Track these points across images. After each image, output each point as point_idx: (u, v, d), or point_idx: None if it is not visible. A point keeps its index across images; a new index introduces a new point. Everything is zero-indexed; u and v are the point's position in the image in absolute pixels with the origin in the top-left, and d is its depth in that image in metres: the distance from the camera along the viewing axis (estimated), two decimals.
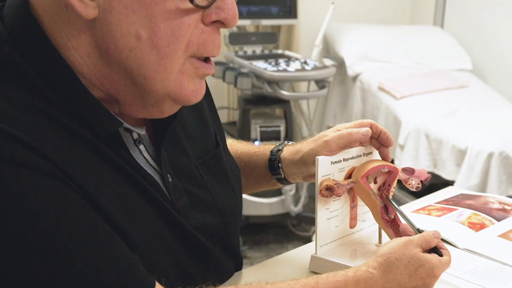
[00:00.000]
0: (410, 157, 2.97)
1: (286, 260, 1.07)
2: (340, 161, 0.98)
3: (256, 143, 2.79)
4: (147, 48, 0.71)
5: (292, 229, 3.22)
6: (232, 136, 2.91)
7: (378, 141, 1.01)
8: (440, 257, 0.88)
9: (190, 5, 0.71)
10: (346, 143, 0.97)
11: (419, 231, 0.94)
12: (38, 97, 0.69)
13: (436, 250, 0.89)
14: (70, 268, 0.64)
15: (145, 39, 0.70)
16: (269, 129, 2.99)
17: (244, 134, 2.96)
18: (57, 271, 0.64)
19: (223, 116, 3.43)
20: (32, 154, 0.64)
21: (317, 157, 0.94)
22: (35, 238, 0.63)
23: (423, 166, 2.93)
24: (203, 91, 0.80)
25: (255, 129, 2.99)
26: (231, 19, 0.75)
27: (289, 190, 3.02)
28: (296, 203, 3.08)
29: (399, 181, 1.02)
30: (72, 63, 0.72)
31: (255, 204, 3.01)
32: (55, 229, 0.64)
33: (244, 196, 3.34)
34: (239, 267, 1.01)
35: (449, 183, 2.60)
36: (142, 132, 0.80)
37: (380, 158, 1.02)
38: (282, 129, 3.00)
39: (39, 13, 0.71)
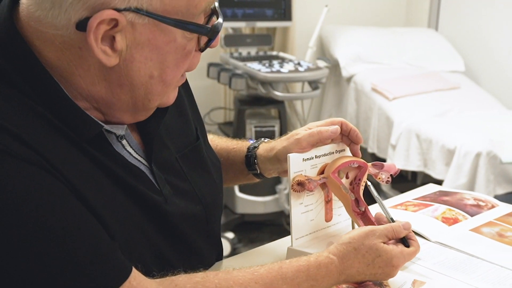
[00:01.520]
0: (401, 157, 3.02)
1: (266, 251, 1.12)
2: (312, 158, 1.03)
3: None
4: (157, 82, 0.82)
5: (287, 227, 3.26)
6: (228, 135, 2.95)
7: (349, 138, 1.06)
8: (403, 248, 0.93)
9: (194, 44, 0.82)
10: (316, 141, 1.02)
11: (392, 220, 0.99)
12: (25, 96, 0.75)
13: (404, 241, 0.94)
14: (48, 250, 0.69)
15: (156, 76, 0.81)
16: (264, 129, 3.03)
17: (239, 134, 3.00)
18: (33, 253, 0.68)
19: (219, 116, 3.48)
20: (18, 144, 0.69)
21: (288, 154, 0.99)
22: (18, 222, 0.68)
23: (414, 165, 2.98)
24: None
25: (250, 129, 3.03)
26: (216, 45, 0.87)
27: (284, 189, 3.07)
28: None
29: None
30: (70, 81, 0.78)
31: (249, 202, 3.06)
32: (37, 214, 0.69)
33: (239, 194, 3.35)
34: (220, 257, 1.07)
35: (439, 182, 2.64)
36: (122, 132, 0.87)
37: (351, 155, 1.07)
38: (277, 129, 3.04)
39: (27, 30, 0.76)
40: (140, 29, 0.76)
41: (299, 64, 3.02)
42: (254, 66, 2.89)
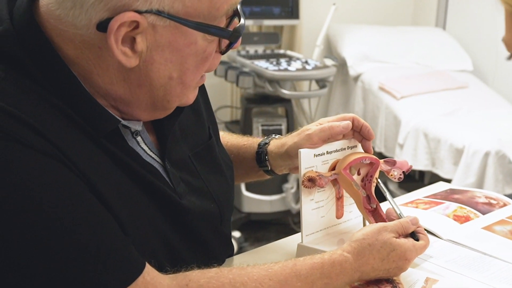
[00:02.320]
0: (409, 156, 3.00)
1: (276, 248, 1.11)
2: (324, 153, 1.02)
3: None
4: (176, 83, 0.81)
5: (293, 227, 3.25)
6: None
7: (360, 134, 1.05)
8: (414, 242, 0.93)
9: (215, 46, 0.81)
10: (327, 136, 1.02)
11: (400, 215, 0.98)
12: (43, 89, 0.75)
13: (413, 235, 0.94)
14: (62, 243, 0.69)
15: (176, 78, 0.80)
16: (271, 127, 3.03)
17: (246, 133, 2.96)
18: (48, 245, 0.68)
19: (226, 115, 3.47)
20: (33, 134, 0.69)
21: (299, 150, 0.99)
22: (32, 213, 0.67)
23: (421, 165, 2.97)
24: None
25: (257, 127, 3.03)
26: (237, 47, 0.87)
27: (290, 187, 3.06)
28: (297, 200, 3.11)
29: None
30: (88, 79, 0.78)
31: (256, 201, 3.05)
32: (50, 206, 0.68)
33: (245, 193, 3.35)
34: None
35: (447, 182, 2.63)
36: (139, 128, 0.87)
37: (363, 151, 1.06)
38: (284, 127, 3.04)
39: (47, 26, 0.76)
40: (160, 31, 0.75)
41: (306, 62, 3.01)
42: (262, 64, 2.89)
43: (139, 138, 0.87)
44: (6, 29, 0.75)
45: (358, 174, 1.04)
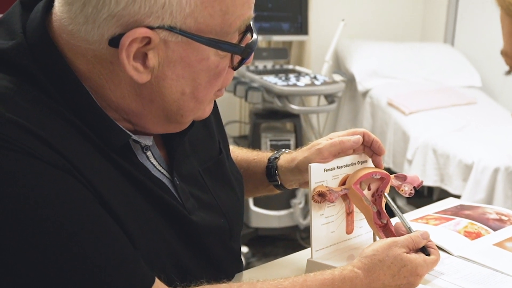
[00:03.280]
0: (418, 172, 2.99)
1: (286, 264, 1.11)
2: (334, 168, 1.02)
3: None
4: (189, 99, 0.81)
5: (301, 242, 3.24)
6: None
7: (371, 149, 1.05)
8: (425, 257, 0.92)
9: (228, 61, 0.81)
10: (338, 151, 1.01)
11: (410, 230, 0.98)
12: (55, 102, 0.75)
13: (424, 250, 0.93)
14: (72, 257, 0.69)
15: (188, 93, 0.80)
16: (279, 142, 3.03)
17: (254, 148, 2.96)
18: (59, 259, 0.68)
19: (235, 130, 3.48)
20: (44, 147, 0.70)
21: (309, 164, 0.99)
22: (41, 226, 0.67)
23: (430, 181, 2.96)
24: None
25: (266, 142, 3.03)
26: (250, 62, 0.87)
27: (298, 203, 3.06)
28: (305, 216, 3.11)
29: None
30: (100, 93, 0.78)
31: (264, 216, 3.05)
32: (59, 218, 0.68)
33: (253, 208, 3.34)
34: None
35: (457, 197, 2.61)
36: (149, 143, 0.87)
37: (373, 166, 1.06)
38: (292, 142, 3.04)
39: (59, 41, 0.77)
40: (172, 47, 0.75)
41: (315, 77, 3.02)
42: (271, 79, 2.90)
43: (148, 153, 0.87)
44: (19, 43, 0.76)
45: (369, 189, 1.03)
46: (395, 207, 1.01)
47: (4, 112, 0.69)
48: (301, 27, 3.23)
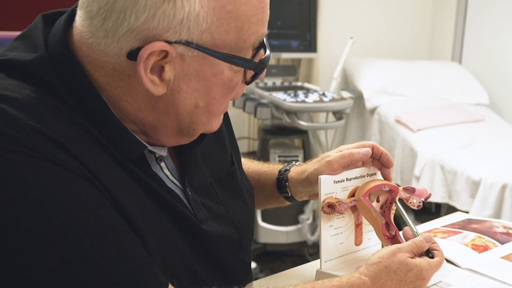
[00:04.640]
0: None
1: (295, 274, 1.13)
2: (343, 180, 1.04)
3: None
4: (202, 112, 0.83)
5: (309, 258, 3.23)
6: None
7: (380, 162, 1.07)
8: (429, 260, 0.94)
9: (241, 76, 0.84)
10: (347, 163, 1.04)
11: (417, 235, 0.99)
12: (74, 112, 0.77)
13: (427, 252, 0.95)
14: (90, 262, 0.71)
15: (202, 106, 0.82)
16: (288, 158, 3.04)
17: None
18: (71, 262, 0.70)
19: (243, 146, 3.50)
20: (64, 154, 0.72)
21: (319, 176, 1.01)
22: (62, 231, 0.70)
23: (438, 197, 2.96)
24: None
25: (274, 158, 3.05)
26: (262, 77, 0.87)
27: (306, 219, 3.06)
28: (313, 231, 3.11)
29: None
30: (118, 105, 0.81)
31: (272, 232, 3.05)
32: (75, 224, 0.71)
33: (261, 223, 3.33)
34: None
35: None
36: (164, 154, 0.89)
37: (382, 178, 1.07)
38: (300, 158, 3.05)
39: (79, 54, 0.79)
40: (188, 61, 0.77)
41: (323, 94, 3.04)
42: (279, 95, 2.93)
43: (162, 164, 0.90)
44: (41, 55, 0.79)
45: (378, 201, 1.05)
46: (404, 213, 1.03)
47: (27, 120, 0.71)
48: (310, 45, 3.26)
